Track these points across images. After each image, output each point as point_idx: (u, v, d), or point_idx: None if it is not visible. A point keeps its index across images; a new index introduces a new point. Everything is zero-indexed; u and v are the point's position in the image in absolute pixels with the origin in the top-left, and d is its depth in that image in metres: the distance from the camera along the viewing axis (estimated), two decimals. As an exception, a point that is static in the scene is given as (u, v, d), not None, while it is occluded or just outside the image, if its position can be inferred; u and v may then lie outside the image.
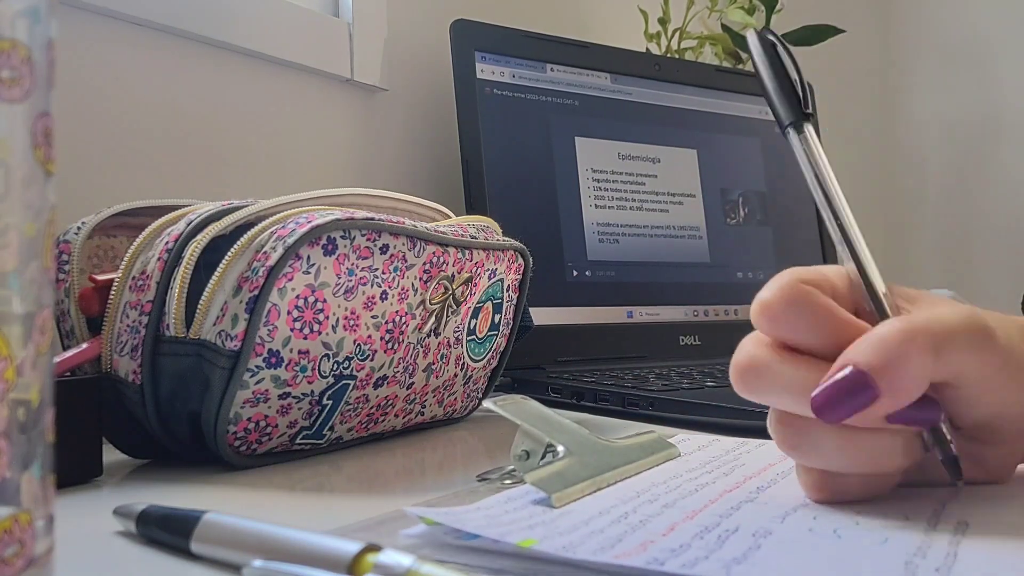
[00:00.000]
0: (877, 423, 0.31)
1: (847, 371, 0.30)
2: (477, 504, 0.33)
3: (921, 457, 0.33)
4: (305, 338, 0.43)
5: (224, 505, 0.36)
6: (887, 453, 0.32)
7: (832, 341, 0.32)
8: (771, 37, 0.37)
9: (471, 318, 0.56)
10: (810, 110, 0.36)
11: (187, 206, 0.47)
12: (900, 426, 0.31)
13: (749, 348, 0.33)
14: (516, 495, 0.34)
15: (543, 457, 0.37)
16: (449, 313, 0.53)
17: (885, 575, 0.25)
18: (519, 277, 0.60)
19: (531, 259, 0.60)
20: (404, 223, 0.48)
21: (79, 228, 0.46)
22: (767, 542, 0.28)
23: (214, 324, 0.42)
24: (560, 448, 0.37)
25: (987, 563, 0.27)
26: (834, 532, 0.30)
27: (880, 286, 0.34)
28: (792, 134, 0.36)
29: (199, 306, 0.42)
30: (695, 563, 0.26)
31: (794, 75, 0.36)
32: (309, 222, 0.43)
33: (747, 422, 0.54)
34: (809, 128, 0.36)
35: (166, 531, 0.30)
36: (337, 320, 0.45)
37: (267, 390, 0.43)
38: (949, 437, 0.33)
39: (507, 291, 0.59)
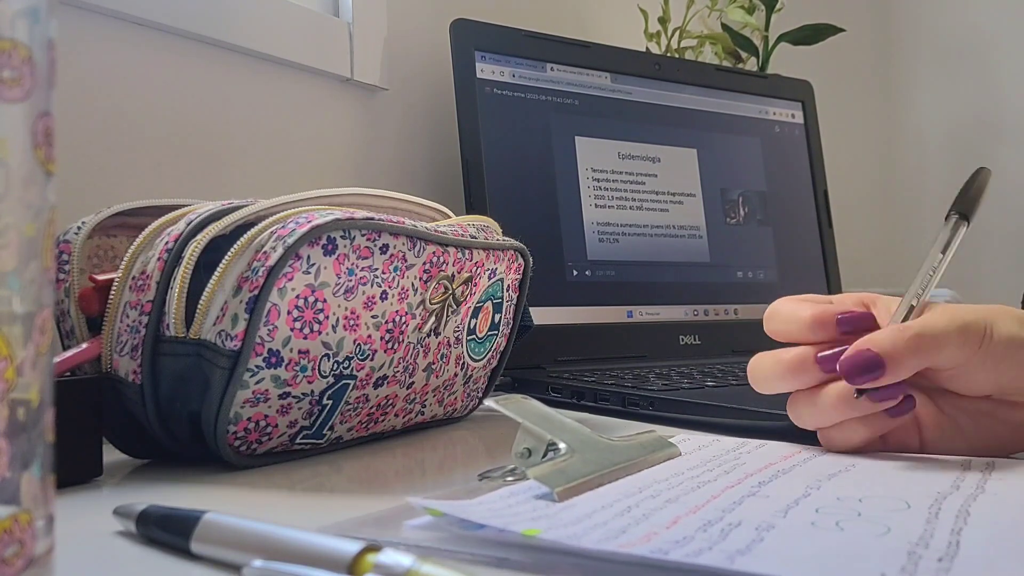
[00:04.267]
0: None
1: (868, 353, 0.41)
2: (480, 498, 0.33)
3: (885, 430, 0.44)
4: (305, 338, 0.43)
5: (224, 505, 0.36)
6: (852, 428, 0.43)
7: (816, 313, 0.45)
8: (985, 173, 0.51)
9: (471, 318, 0.56)
10: (971, 217, 0.48)
11: (187, 206, 0.47)
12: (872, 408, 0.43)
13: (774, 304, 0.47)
14: (519, 490, 0.34)
15: (545, 455, 0.37)
16: (449, 313, 0.53)
17: (888, 566, 0.25)
18: (519, 277, 0.60)
19: (531, 259, 0.60)
20: (404, 223, 0.48)
21: (79, 228, 0.46)
22: (770, 535, 0.28)
23: (214, 324, 0.42)
24: (562, 446, 0.37)
25: (990, 551, 0.27)
26: (836, 524, 0.30)
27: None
28: (953, 221, 0.47)
29: (199, 306, 0.42)
30: (699, 554, 0.26)
31: (981, 190, 0.50)
32: (309, 222, 0.43)
33: (747, 422, 0.54)
34: (964, 227, 0.47)
35: (166, 531, 0.30)
36: (337, 320, 0.45)
37: (267, 390, 0.43)
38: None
39: (507, 291, 0.59)
